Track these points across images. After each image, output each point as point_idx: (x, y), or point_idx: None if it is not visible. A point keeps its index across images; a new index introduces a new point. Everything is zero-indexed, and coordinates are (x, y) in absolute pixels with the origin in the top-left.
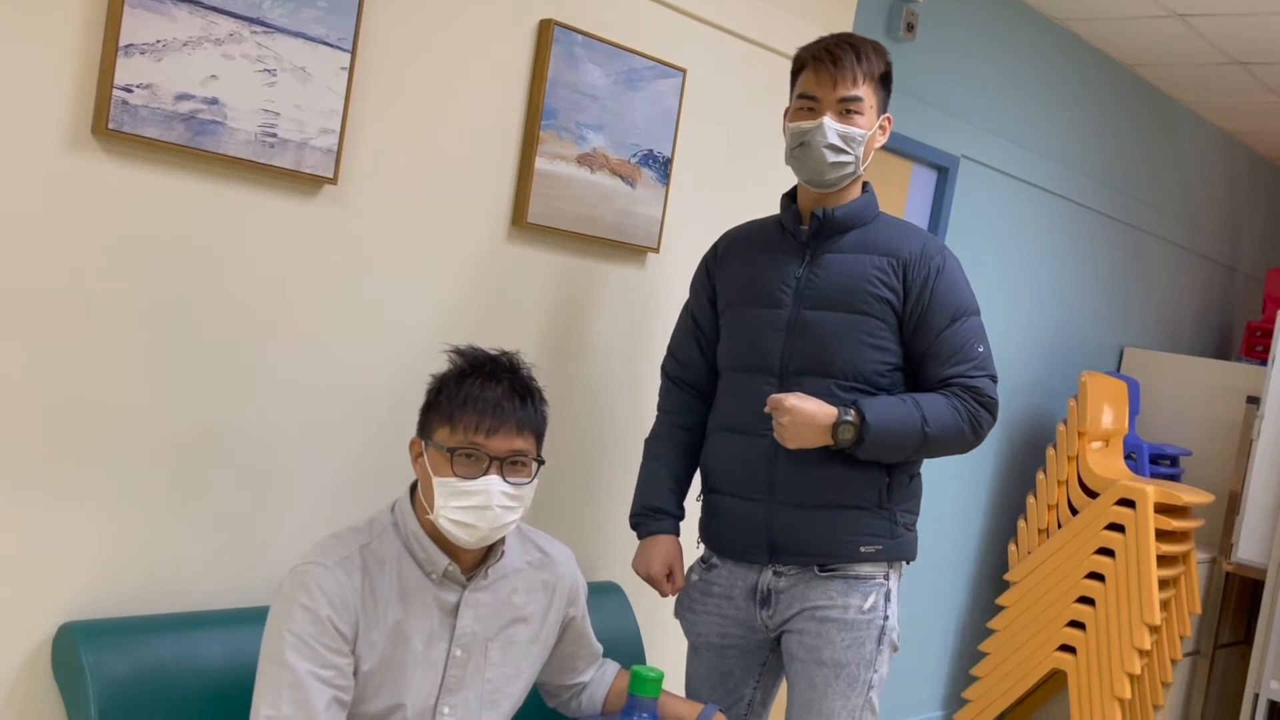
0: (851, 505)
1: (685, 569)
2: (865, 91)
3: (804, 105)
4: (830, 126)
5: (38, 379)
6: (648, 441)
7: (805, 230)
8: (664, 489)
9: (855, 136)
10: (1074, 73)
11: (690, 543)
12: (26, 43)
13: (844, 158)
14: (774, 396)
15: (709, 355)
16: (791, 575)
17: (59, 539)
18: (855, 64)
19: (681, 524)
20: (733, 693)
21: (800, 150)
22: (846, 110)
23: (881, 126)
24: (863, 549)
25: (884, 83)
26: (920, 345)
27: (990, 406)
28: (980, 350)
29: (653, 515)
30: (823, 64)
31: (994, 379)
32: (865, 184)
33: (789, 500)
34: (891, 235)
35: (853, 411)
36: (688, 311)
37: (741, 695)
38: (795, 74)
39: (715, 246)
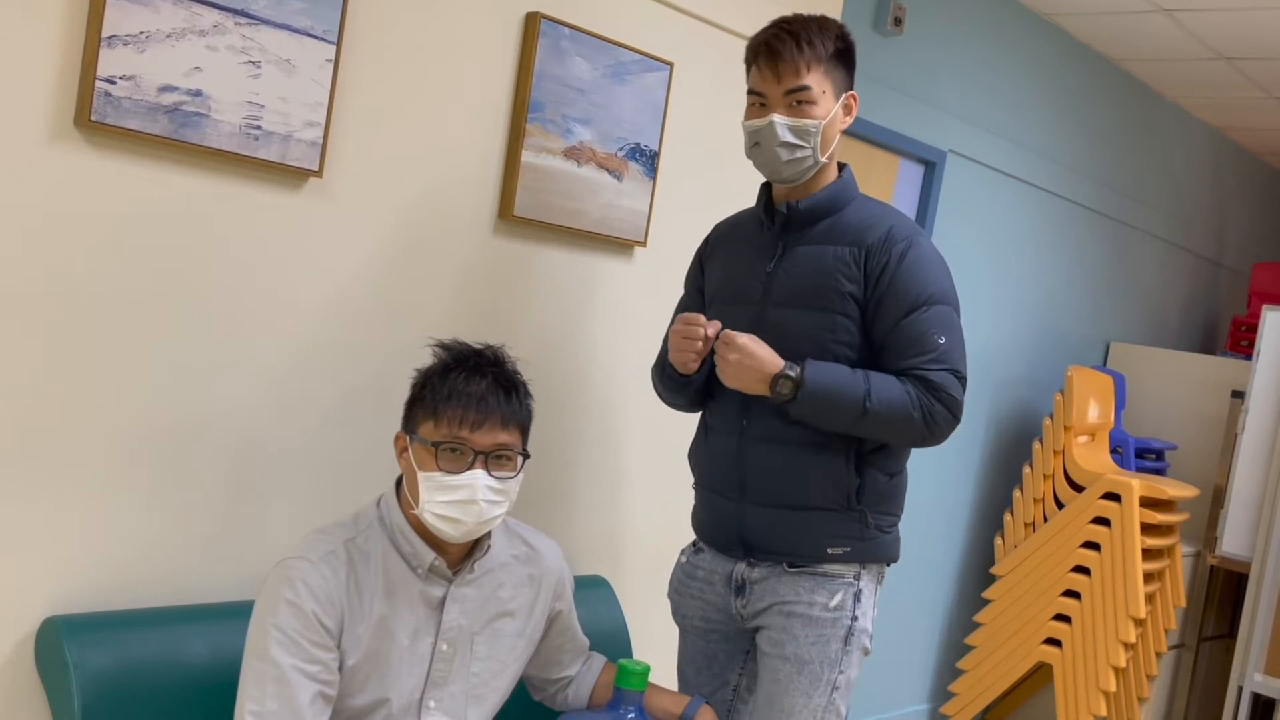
0: (819, 507)
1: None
2: (814, 78)
3: (754, 101)
4: (780, 123)
5: (18, 371)
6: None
7: (781, 218)
8: None
9: (808, 128)
10: (1061, 68)
11: (679, 533)
12: (8, 33)
13: (799, 153)
14: (728, 332)
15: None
16: (764, 567)
17: (42, 533)
18: (796, 53)
19: (670, 521)
20: (718, 677)
21: (755, 150)
22: (796, 102)
23: (846, 105)
24: (830, 550)
25: (840, 60)
26: (878, 335)
27: (949, 403)
28: (941, 341)
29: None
30: (763, 58)
31: (957, 374)
32: (842, 166)
33: (758, 500)
34: (860, 222)
35: (798, 369)
36: (682, 306)
37: (727, 680)
38: (747, 67)
39: (708, 239)
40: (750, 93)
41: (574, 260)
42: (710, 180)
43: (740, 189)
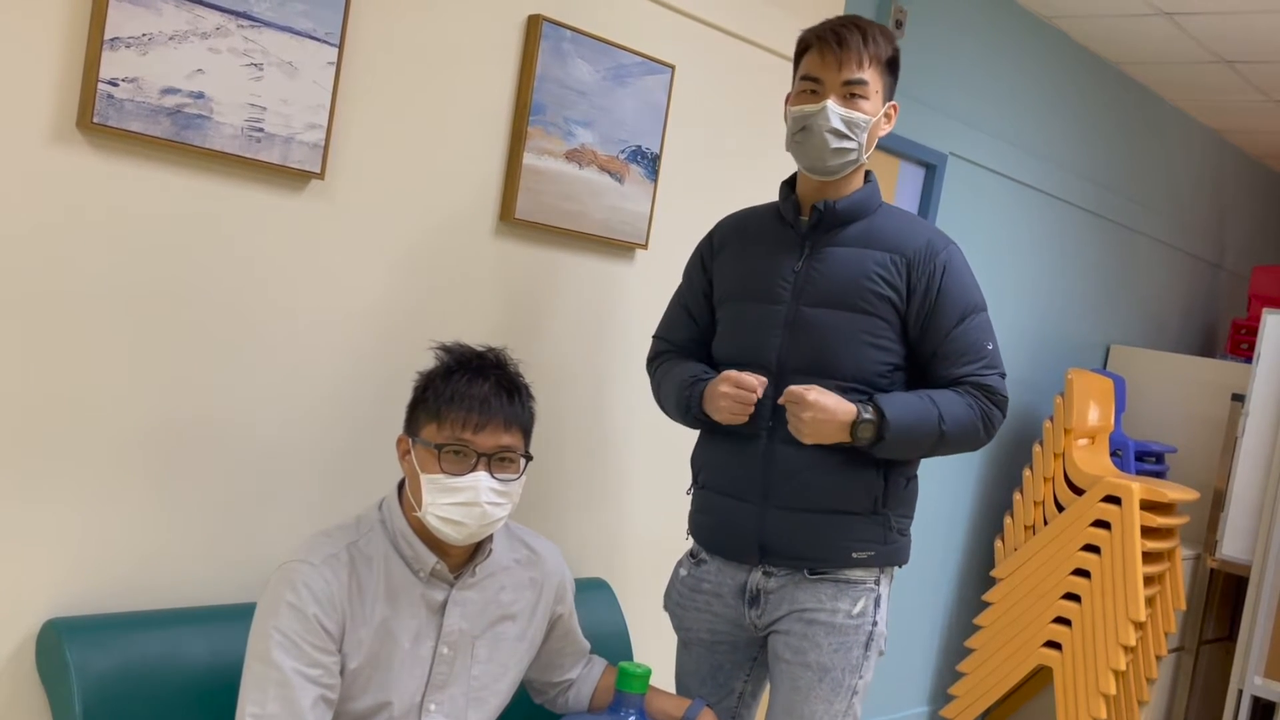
0: (846, 510)
1: (675, 568)
2: (871, 75)
3: (807, 88)
4: (833, 110)
5: (20, 373)
6: (657, 369)
7: (805, 222)
8: (699, 369)
9: (859, 121)
10: (1062, 71)
11: (680, 535)
12: (10, 35)
13: (847, 144)
14: (793, 389)
15: (702, 344)
16: (781, 576)
17: (43, 535)
18: (861, 46)
19: (670, 523)
20: (723, 686)
21: (802, 135)
22: (851, 94)
23: (887, 114)
24: (855, 555)
25: (891, 68)
26: (929, 345)
27: (1001, 404)
28: (990, 348)
29: (700, 379)
30: (828, 45)
31: (1003, 375)
32: (868, 173)
33: (782, 504)
34: (895, 229)
35: (871, 408)
36: (680, 302)
37: (732, 689)
38: (799, 56)
39: (711, 236)
40: (804, 79)
41: (575, 262)
42: (711, 183)
43: (741, 191)
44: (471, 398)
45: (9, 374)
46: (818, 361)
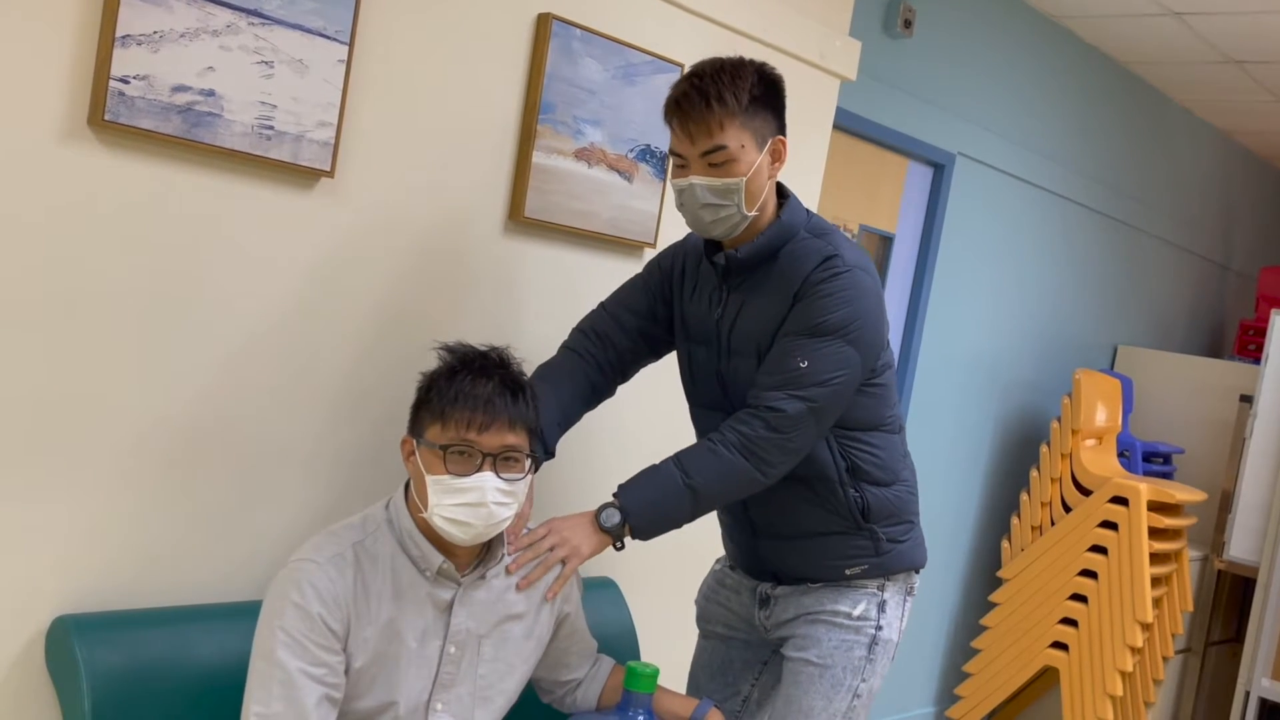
0: (828, 531)
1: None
2: (730, 135)
3: (675, 161)
4: (699, 186)
5: (30, 370)
6: (562, 349)
7: (721, 266)
8: (552, 416)
9: (729, 187)
10: (1070, 71)
11: (686, 535)
12: (23, 33)
13: (723, 212)
14: (520, 540)
15: (638, 333)
16: (788, 586)
17: (52, 532)
18: (707, 112)
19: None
20: (731, 685)
21: (681, 207)
22: (711, 164)
23: (773, 151)
24: (848, 571)
25: (761, 104)
26: None
27: (783, 426)
28: (801, 365)
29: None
30: (674, 118)
31: (807, 401)
32: (783, 202)
33: (771, 534)
34: (794, 268)
35: (612, 497)
36: (643, 285)
37: (739, 690)
38: (667, 123)
39: (676, 259)
40: (671, 153)
41: (584, 261)
42: None
43: None
44: (475, 398)
45: (18, 371)
46: None
